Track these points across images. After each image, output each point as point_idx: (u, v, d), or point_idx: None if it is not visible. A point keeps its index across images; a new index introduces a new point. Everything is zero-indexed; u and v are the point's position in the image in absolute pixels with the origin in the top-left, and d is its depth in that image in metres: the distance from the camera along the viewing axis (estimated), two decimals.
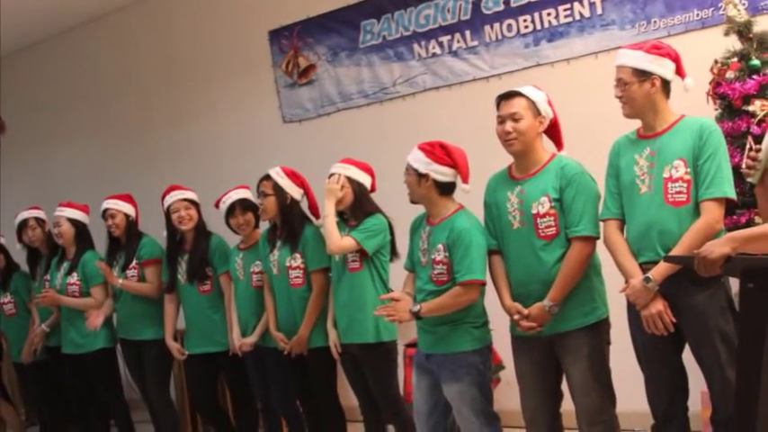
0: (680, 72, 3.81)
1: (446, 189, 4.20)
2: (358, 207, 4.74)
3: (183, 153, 7.92)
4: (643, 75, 3.71)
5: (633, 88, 3.73)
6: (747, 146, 3.53)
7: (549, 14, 5.87)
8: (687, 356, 3.77)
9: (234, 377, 5.62)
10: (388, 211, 4.81)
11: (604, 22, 5.68)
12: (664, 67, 3.73)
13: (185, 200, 5.53)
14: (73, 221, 6.09)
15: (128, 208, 5.90)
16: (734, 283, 3.49)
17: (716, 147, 3.64)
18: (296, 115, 7.23)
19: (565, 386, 4.07)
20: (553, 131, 4.11)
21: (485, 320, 4.22)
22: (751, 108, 4.62)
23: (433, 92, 6.49)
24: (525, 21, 5.97)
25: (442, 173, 4.15)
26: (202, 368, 5.60)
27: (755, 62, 4.70)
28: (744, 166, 3.41)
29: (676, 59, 3.79)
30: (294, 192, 5.07)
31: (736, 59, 4.77)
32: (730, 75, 4.74)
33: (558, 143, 4.16)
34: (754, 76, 4.66)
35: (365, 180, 4.79)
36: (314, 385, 5.11)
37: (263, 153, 7.01)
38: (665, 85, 3.75)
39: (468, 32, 6.24)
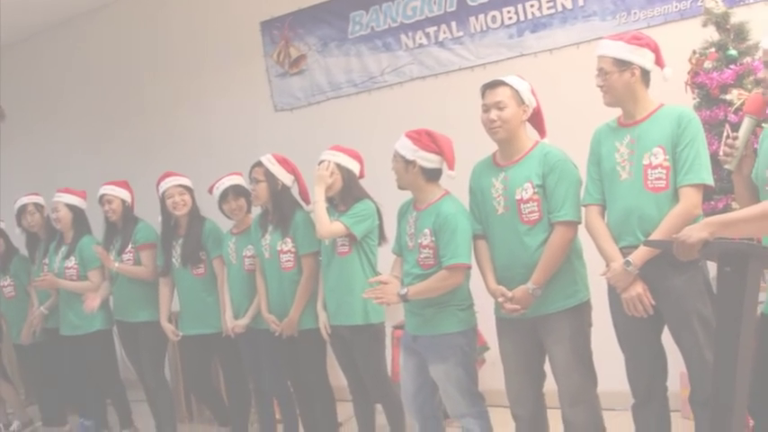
0: (659, 62, 3.82)
1: (432, 175, 4.24)
2: (347, 193, 4.77)
3: (177, 140, 7.96)
4: (623, 64, 3.73)
5: (614, 77, 3.74)
6: (725, 134, 3.57)
7: (532, 6, 5.96)
8: (666, 338, 3.81)
9: (227, 358, 5.65)
10: (376, 196, 4.84)
11: (586, 14, 5.76)
12: (643, 57, 3.75)
13: (180, 186, 5.58)
14: (71, 207, 6.14)
15: (124, 194, 5.94)
16: (711, 267, 3.48)
17: (694, 134, 3.67)
18: (287, 104, 7.29)
19: (548, 367, 4.10)
20: (536, 120, 4.14)
21: (470, 303, 4.28)
22: (728, 97, 4.70)
23: (420, 81, 6.57)
24: (509, 12, 6.06)
25: (429, 160, 4.20)
26: (196, 349, 5.66)
27: (732, 52, 4.78)
28: (721, 153, 3.46)
29: (656, 50, 3.81)
30: (285, 178, 5.11)
31: (713, 50, 4.85)
32: (708, 65, 4.82)
33: (541, 131, 4.19)
34: (732, 66, 4.74)
35: (354, 167, 4.83)
36: (304, 366, 5.16)
37: (254, 140, 7.03)
38: (645, 74, 3.77)
39: (453, 23, 6.32)
